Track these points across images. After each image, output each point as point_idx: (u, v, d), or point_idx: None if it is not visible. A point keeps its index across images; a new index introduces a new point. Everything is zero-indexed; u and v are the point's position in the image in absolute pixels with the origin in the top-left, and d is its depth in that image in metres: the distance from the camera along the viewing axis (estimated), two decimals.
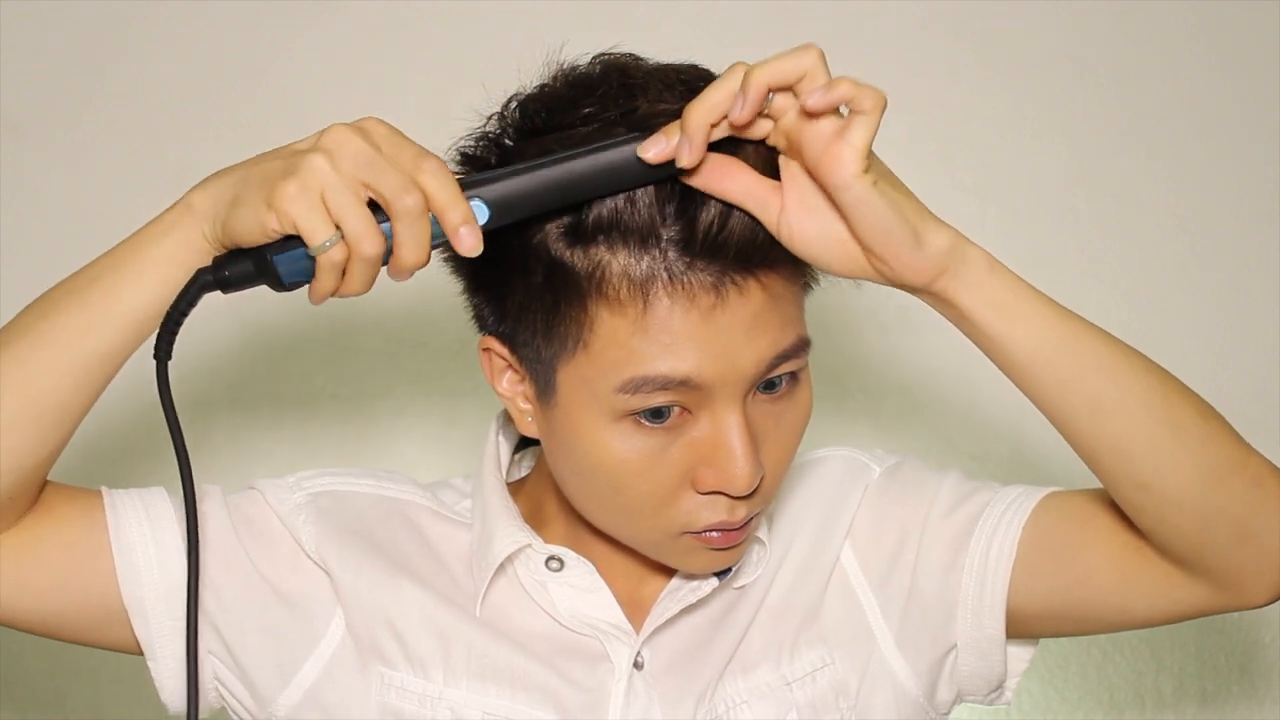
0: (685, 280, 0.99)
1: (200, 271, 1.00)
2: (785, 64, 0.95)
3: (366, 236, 0.96)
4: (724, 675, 1.13)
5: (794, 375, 1.05)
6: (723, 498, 1.04)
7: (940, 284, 1.01)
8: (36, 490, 1.06)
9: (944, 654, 1.16)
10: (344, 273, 0.97)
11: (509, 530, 1.13)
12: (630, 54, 1.06)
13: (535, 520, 1.16)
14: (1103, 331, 1.04)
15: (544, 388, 1.06)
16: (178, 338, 1.01)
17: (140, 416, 1.53)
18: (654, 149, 0.97)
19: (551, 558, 1.13)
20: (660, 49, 1.08)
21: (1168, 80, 1.66)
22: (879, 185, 0.97)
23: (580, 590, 1.13)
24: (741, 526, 1.06)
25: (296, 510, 1.14)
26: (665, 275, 1.00)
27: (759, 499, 1.06)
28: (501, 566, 1.13)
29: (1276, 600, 1.09)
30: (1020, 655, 1.19)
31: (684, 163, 0.96)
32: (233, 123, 1.62)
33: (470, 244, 0.97)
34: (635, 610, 1.14)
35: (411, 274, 0.98)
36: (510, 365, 1.08)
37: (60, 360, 1.02)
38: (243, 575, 1.12)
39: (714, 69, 1.07)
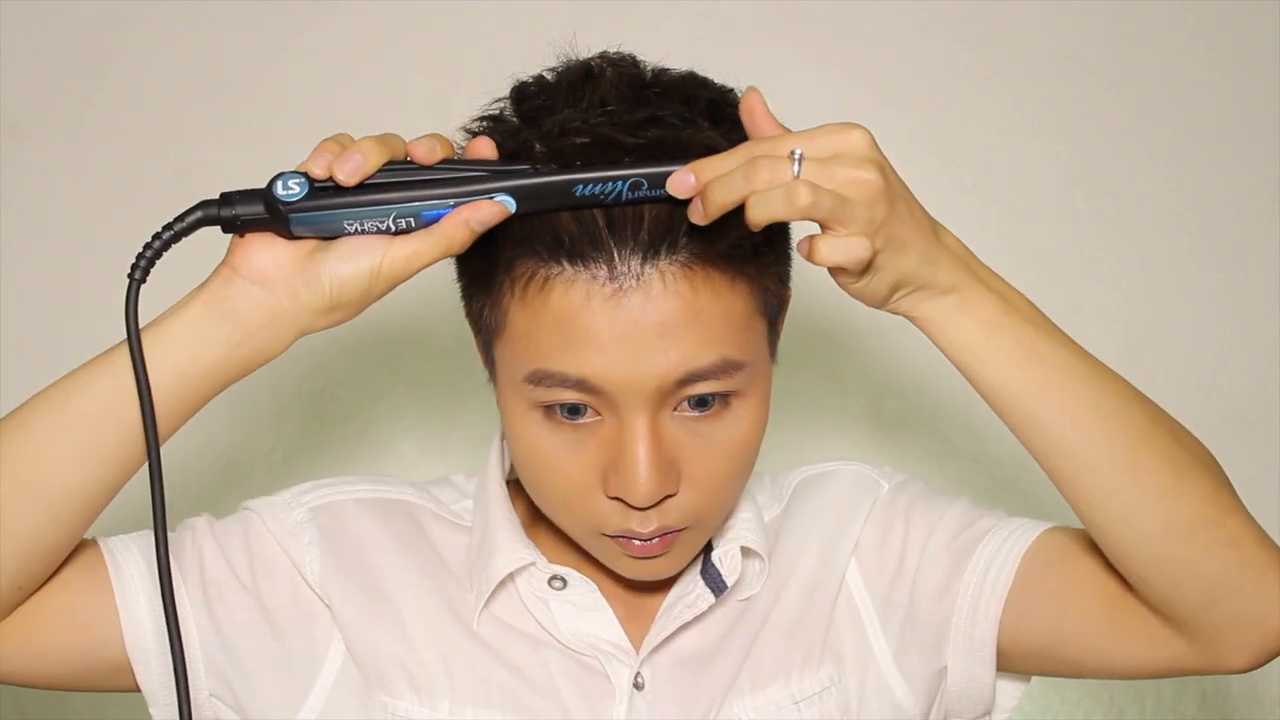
0: (589, 276, 0.98)
1: (206, 201, 0.99)
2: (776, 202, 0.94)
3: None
4: (730, 693, 1.12)
5: (725, 397, 1.03)
6: (629, 507, 1.03)
7: (912, 320, 1.01)
8: (44, 576, 1.05)
9: (936, 673, 1.15)
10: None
11: (513, 546, 1.12)
12: (630, 54, 1.06)
13: (533, 523, 1.15)
14: (1083, 371, 1.03)
15: (490, 368, 1.08)
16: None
17: None
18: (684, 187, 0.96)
19: (555, 577, 1.12)
20: (660, 49, 1.08)
21: (1168, 80, 1.66)
22: (876, 275, 0.97)
23: (581, 609, 1.12)
24: (658, 539, 1.05)
25: (298, 530, 1.12)
26: (568, 269, 0.99)
27: (677, 515, 1.04)
28: (503, 581, 1.12)
29: (1255, 668, 1.07)
30: (1011, 691, 1.18)
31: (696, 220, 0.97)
32: (233, 123, 1.62)
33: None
34: (638, 626, 1.13)
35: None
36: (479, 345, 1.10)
37: (54, 420, 1.00)
38: (242, 610, 1.10)
39: (714, 69, 1.08)
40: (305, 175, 0.97)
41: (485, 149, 1.00)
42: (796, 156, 0.93)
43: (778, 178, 0.93)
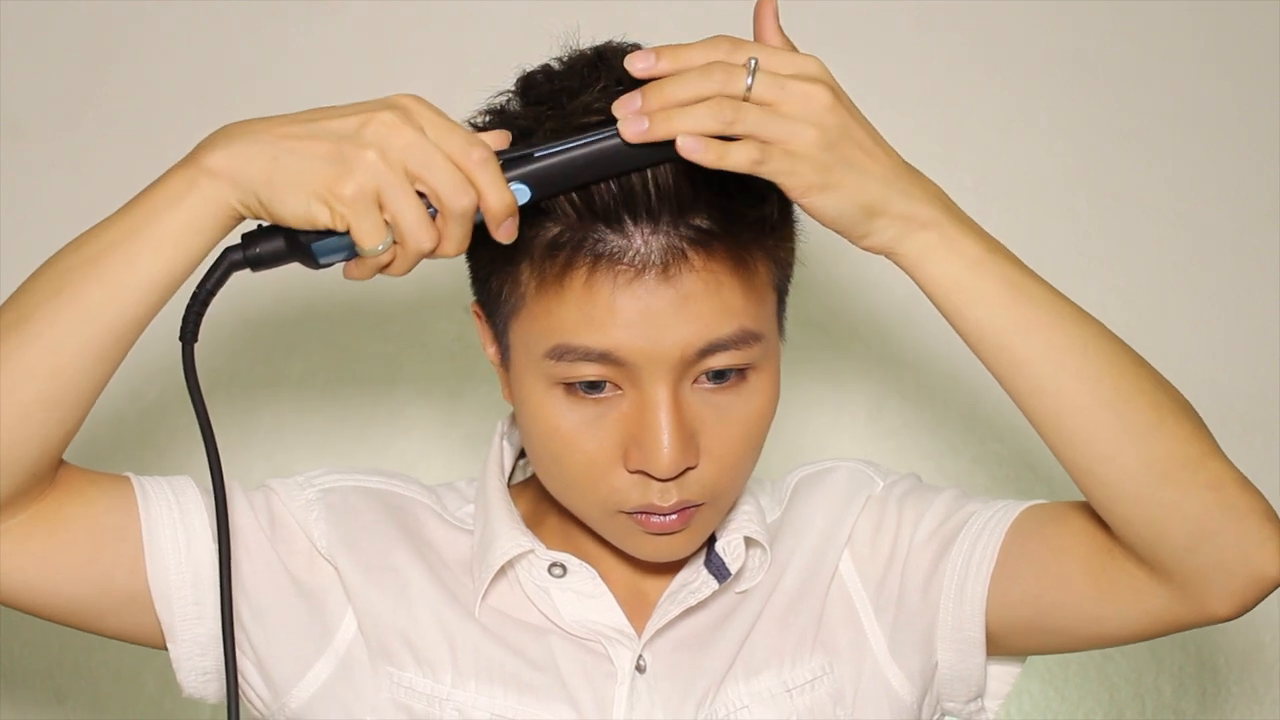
0: (609, 251, 0.99)
1: (229, 250, 0.99)
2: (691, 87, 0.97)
3: (423, 234, 0.95)
4: (726, 679, 1.13)
5: (742, 371, 1.05)
6: (650, 479, 1.04)
7: (895, 259, 1.02)
8: (54, 470, 1.05)
9: (928, 657, 1.16)
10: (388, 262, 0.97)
11: (511, 535, 1.12)
12: (636, 44, 1.06)
13: (534, 520, 1.16)
14: (1067, 312, 1.03)
15: (504, 350, 1.08)
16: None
17: (163, 399, 1.53)
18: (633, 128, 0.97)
19: (554, 564, 1.13)
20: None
21: (1168, 80, 1.66)
22: (827, 190, 0.97)
23: (583, 595, 1.13)
24: (678, 514, 1.06)
25: (308, 506, 1.14)
26: (589, 244, 1.00)
27: (697, 489, 1.05)
28: (502, 570, 1.13)
29: (1240, 615, 1.07)
30: (1004, 677, 1.19)
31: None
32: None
33: (509, 234, 0.97)
34: (636, 612, 1.14)
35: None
36: (489, 329, 1.10)
37: (81, 335, 1.00)
38: (266, 566, 1.12)
39: None
40: (349, 249, 0.97)
41: (498, 140, 1.00)
42: (752, 66, 0.96)
43: (729, 86, 0.96)
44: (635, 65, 0.97)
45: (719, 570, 1.13)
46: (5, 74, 1.63)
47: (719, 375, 1.04)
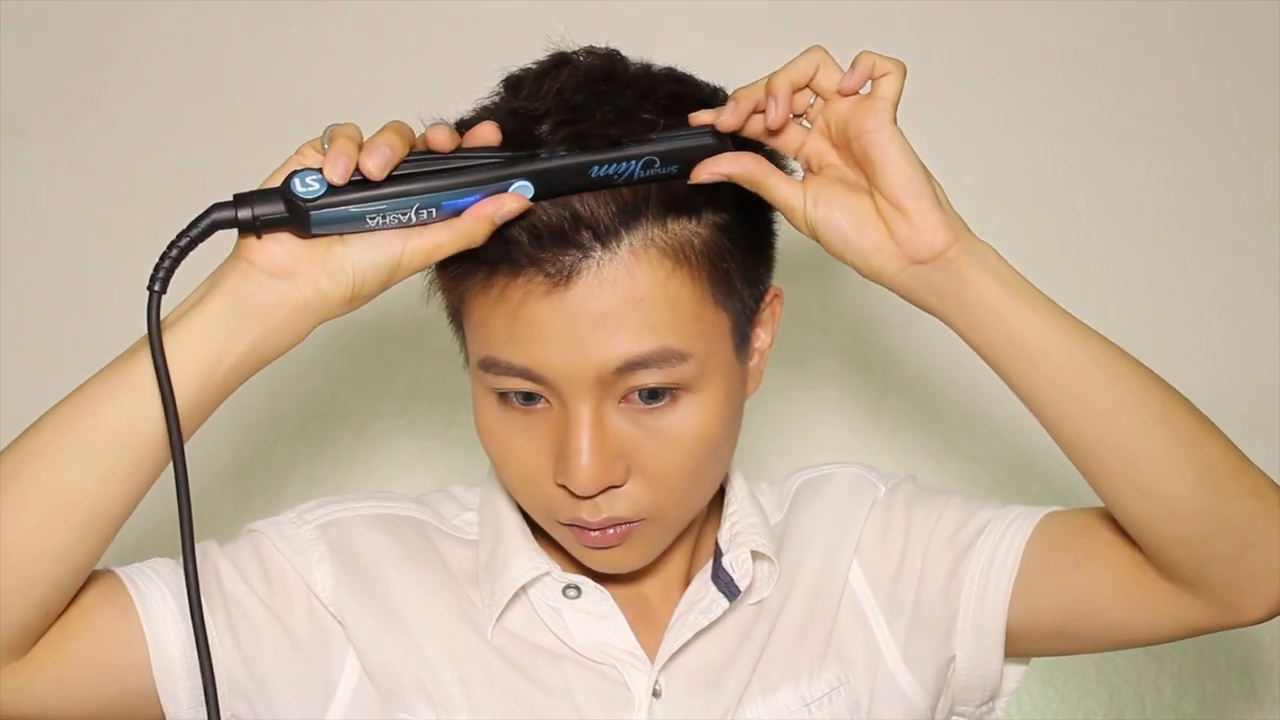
0: (532, 267, 0.99)
1: (215, 205, 0.97)
2: (799, 64, 1.00)
3: (347, 127, 0.98)
4: (744, 699, 1.11)
5: (675, 391, 1.03)
6: (574, 495, 1.03)
7: (955, 251, 0.99)
8: (69, 598, 1.01)
9: (944, 665, 1.15)
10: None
11: (528, 556, 1.11)
12: (614, 50, 1.06)
13: (542, 531, 1.14)
14: (1097, 331, 1.03)
15: (464, 352, 1.09)
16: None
17: None
18: (729, 116, 0.99)
19: (569, 586, 1.11)
20: (660, 49, 1.08)
21: (1168, 80, 1.66)
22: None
23: (594, 616, 1.11)
24: (614, 529, 1.05)
25: (307, 548, 1.11)
26: (514, 259, 0.99)
27: (628, 506, 1.04)
28: (516, 592, 1.11)
29: (1272, 617, 1.07)
30: (1011, 674, 1.18)
31: (773, 123, 0.99)
32: (233, 123, 1.62)
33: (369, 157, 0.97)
34: (647, 630, 1.12)
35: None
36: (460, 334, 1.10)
37: (80, 439, 0.97)
38: (264, 626, 1.08)
39: (713, 69, 1.08)
40: (320, 172, 0.96)
41: (489, 134, 1.00)
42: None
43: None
44: (726, 120, 1.00)
45: (728, 587, 1.12)
46: (5, 74, 1.63)
47: (653, 395, 1.02)
